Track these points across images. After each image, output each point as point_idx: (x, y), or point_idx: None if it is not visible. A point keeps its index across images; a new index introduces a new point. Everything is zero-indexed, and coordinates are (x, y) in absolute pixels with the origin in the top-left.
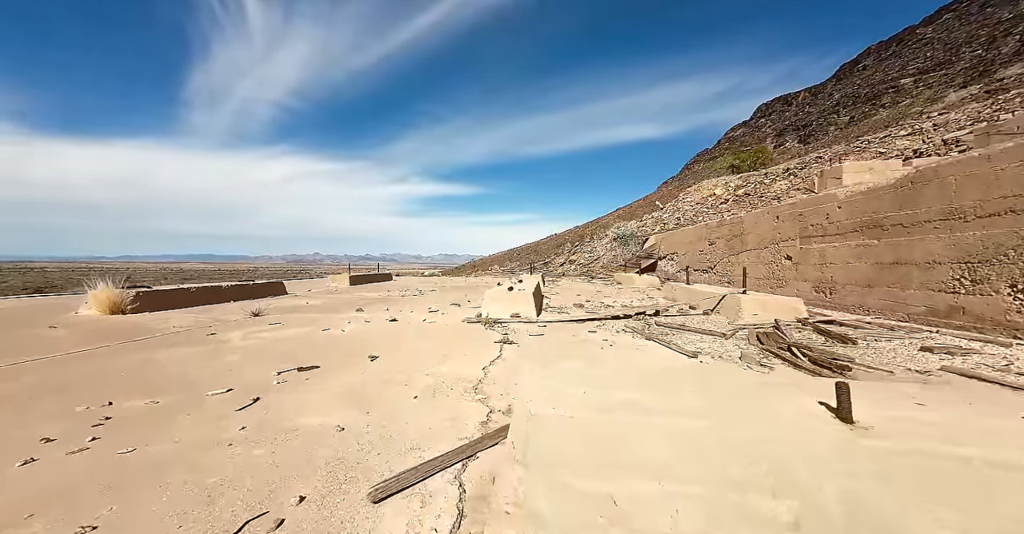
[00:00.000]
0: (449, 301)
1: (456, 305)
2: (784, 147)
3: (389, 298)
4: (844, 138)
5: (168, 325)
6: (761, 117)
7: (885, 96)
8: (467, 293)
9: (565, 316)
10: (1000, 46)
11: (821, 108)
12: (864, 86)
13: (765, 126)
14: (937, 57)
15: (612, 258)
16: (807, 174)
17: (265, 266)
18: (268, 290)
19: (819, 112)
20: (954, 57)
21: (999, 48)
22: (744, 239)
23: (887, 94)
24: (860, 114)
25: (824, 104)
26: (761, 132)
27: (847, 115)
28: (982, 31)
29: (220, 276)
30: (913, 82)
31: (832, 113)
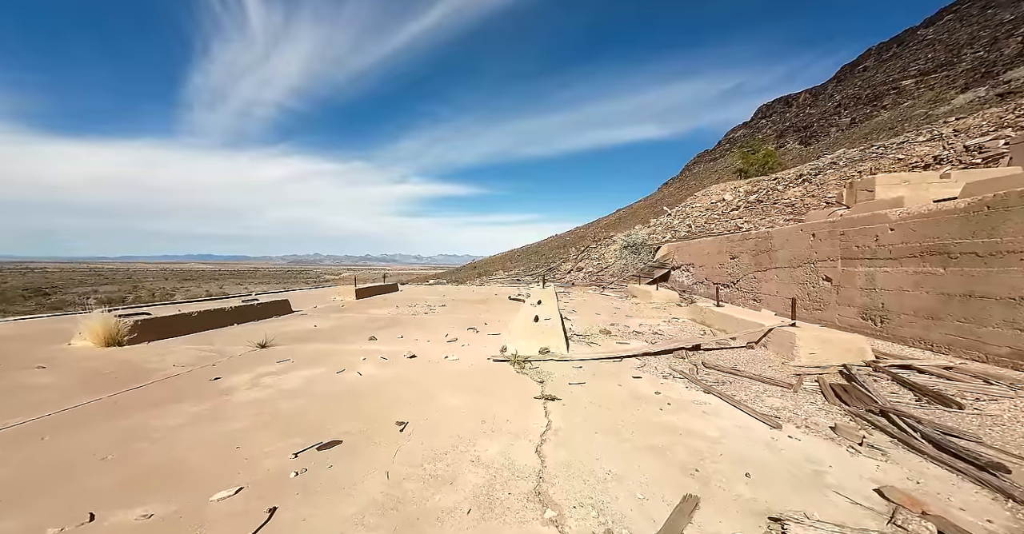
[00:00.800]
0: (464, 323)
1: (473, 330)
2: (785, 148)
3: (400, 319)
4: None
5: (167, 363)
6: (762, 118)
7: (886, 97)
8: (480, 310)
9: (598, 351)
10: (1002, 48)
11: (822, 109)
12: (865, 87)
13: (766, 127)
14: (938, 58)
15: (622, 267)
16: (822, 180)
17: (265, 266)
18: (272, 310)
19: (820, 113)
20: (955, 58)
21: (1001, 50)
22: (773, 255)
23: (888, 95)
24: (861, 115)
25: (825, 105)
26: (762, 133)
27: (848, 116)
28: (983, 32)
29: (220, 276)
30: (914, 83)
31: (833, 114)
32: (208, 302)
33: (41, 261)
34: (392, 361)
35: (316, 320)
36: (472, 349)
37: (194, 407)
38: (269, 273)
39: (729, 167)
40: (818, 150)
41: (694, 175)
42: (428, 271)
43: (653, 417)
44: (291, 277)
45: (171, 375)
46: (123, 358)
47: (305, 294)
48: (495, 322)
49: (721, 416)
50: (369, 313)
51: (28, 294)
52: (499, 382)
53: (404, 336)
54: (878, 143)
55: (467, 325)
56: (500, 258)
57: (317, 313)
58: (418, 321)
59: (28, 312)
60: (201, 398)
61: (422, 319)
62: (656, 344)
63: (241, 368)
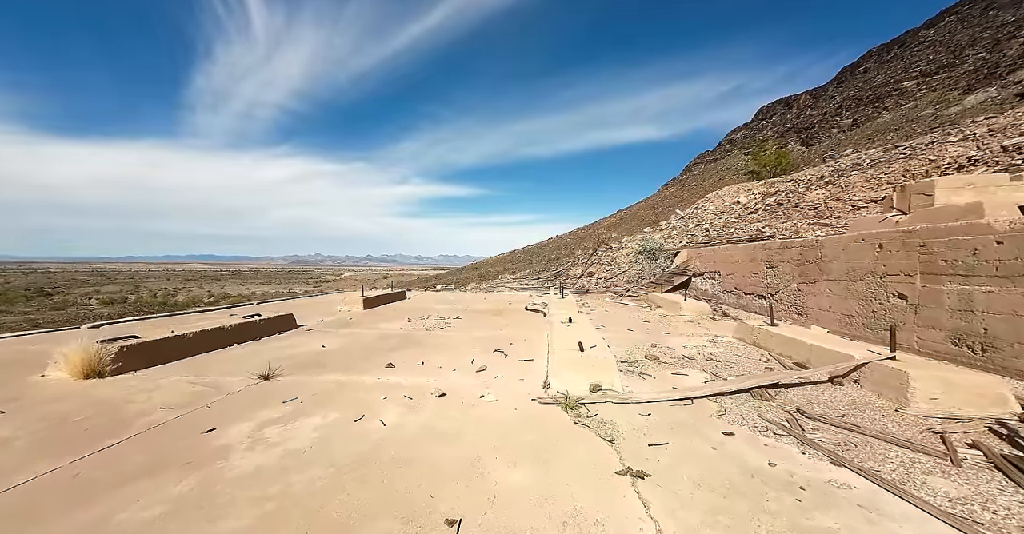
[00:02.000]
0: (488, 343)
1: (501, 354)
2: (786, 149)
3: (415, 336)
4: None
5: (153, 402)
6: (762, 119)
7: (888, 98)
8: (499, 324)
9: (659, 388)
10: (1005, 49)
11: (823, 110)
12: (866, 88)
13: (766, 128)
14: (940, 59)
15: (638, 273)
16: (847, 182)
17: (266, 267)
18: (276, 326)
19: (821, 114)
20: (957, 60)
21: (1003, 51)
22: (824, 266)
23: (890, 96)
24: (863, 116)
25: (826, 106)
26: (763, 134)
27: (850, 117)
28: (985, 34)
29: (222, 277)
30: (916, 85)
31: (834, 115)
32: (206, 315)
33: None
34: (419, 401)
35: (323, 338)
36: (508, 382)
37: (179, 482)
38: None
39: (730, 168)
40: (820, 151)
41: (695, 176)
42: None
43: (799, 518)
44: (292, 277)
45: (155, 423)
46: (101, 396)
47: (311, 303)
48: (521, 341)
49: (891, 517)
50: (380, 328)
51: (31, 294)
52: (558, 440)
53: (425, 362)
54: (902, 143)
55: (491, 345)
56: (501, 259)
57: (324, 328)
58: (436, 339)
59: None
60: (189, 465)
61: (439, 337)
62: (720, 376)
63: (241, 411)
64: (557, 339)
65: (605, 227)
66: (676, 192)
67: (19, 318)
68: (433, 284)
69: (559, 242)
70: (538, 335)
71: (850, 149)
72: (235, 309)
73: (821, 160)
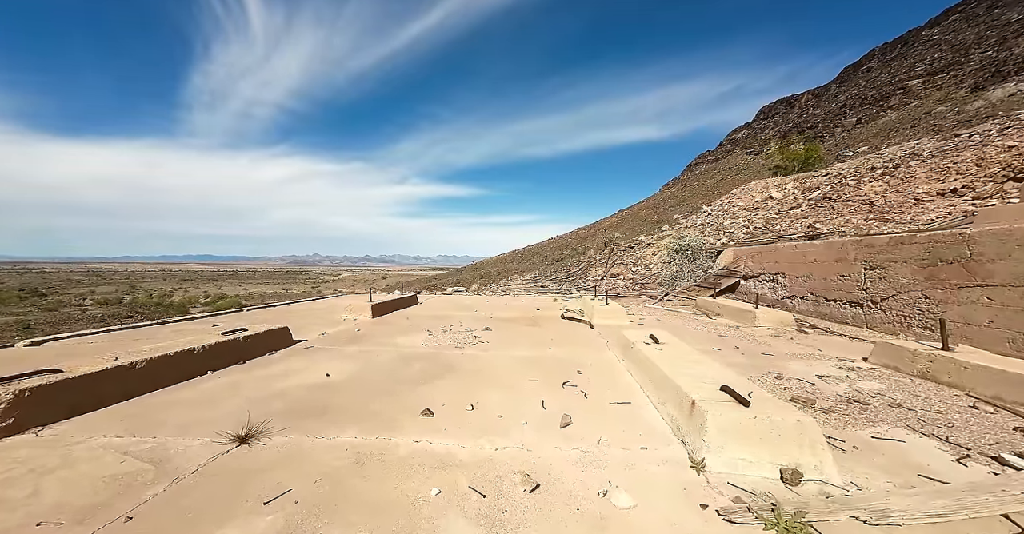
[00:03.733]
0: (544, 369)
1: (575, 390)
2: (790, 149)
3: (445, 357)
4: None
5: (30, 510)
6: (764, 119)
7: (893, 97)
8: (543, 339)
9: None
10: (1012, 47)
11: (826, 110)
12: (870, 88)
13: (768, 128)
14: (945, 58)
15: (673, 274)
16: (907, 173)
17: (264, 267)
18: (266, 344)
19: (824, 114)
20: (963, 58)
21: (1011, 49)
22: (977, 268)
23: (895, 95)
24: (868, 115)
25: (829, 106)
26: (765, 133)
27: (854, 116)
28: (991, 32)
29: (219, 277)
30: (922, 84)
31: (838, 115)
32: (183, 326)
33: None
34: (498, 502)
35: (328, 360)
36: (622, 453)
37: None
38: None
39: (732, 168)
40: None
41: (696, 176)
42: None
43: None
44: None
45: None
46: None
47: (310, 309)
48: (588, 367)
49: None
50: (398, 345)
51: (24, 295)
52: None
53: (475, 404)
54: (963, 131)
55: (551, 373)
56: (502, 259)
57: (327, 344)
58: (473, 362)
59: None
60: None
61: (477, 359)
62: (960, 444)
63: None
64: (657, 371)
65: (607, 227)
66: (678, 192)
67: (10, 319)
68: (440, 285)
69: (560, 242)
70: (600, 357)
71: (865, 147)
72: (221, 318)
73: (834, 159)
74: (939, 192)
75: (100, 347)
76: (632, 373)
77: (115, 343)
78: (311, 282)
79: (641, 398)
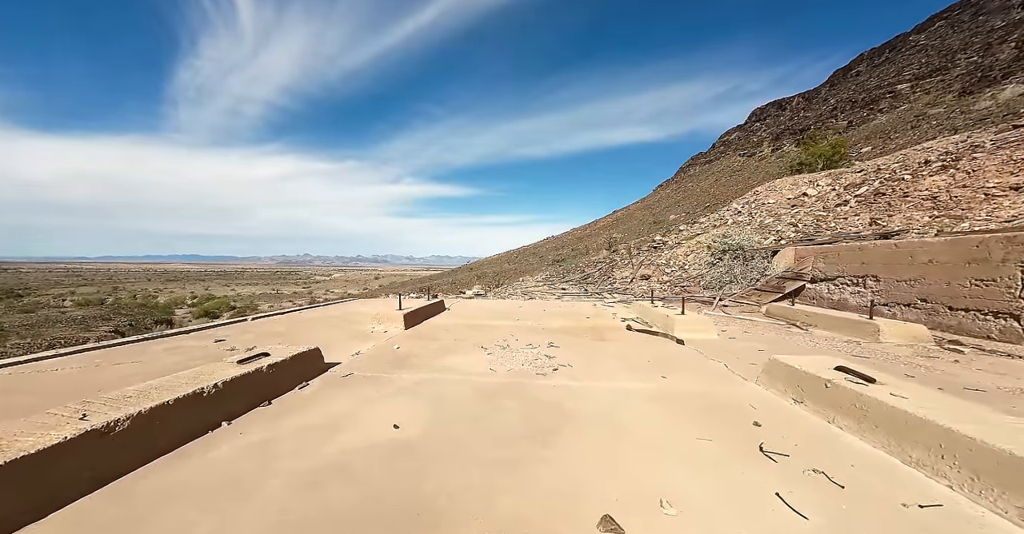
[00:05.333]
0: (707, 421)
1: (802, 469)
2: (783, 151)
3: (526, 387)
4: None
5: None
6: (756, 121)
7: (883, 100)
8: (639, 362)
9: None
10: (997, 53)
11: (817, 112)
12: (860, 91)
13: (760, 130)
14: (932, 63)
15: (721, 276)
16: (976, 166)
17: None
18: (297, 373)
19: (815, 116)
20: (950, 63)
21: (996, 55)
22: None
23: (885, 99)
24: (858, 118)
25: (820, 109)
26: (758, 135)
27: (845, 119)
28: (976, 38)
29: (207, 277)
30: (910, 87)
31: (829, 117)
32: (178, 341)
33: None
34: None
35: (382, 399)
36: None
37: None
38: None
39: (726, 170)
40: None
41: (690, 177)
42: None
43: None
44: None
45: None
46: None
47: (324, 316)
48: (754, 412)
49: None
50: (460, 371)
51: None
52: None
53: (667, 500)
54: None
55: (711, 425)
56: (498, 259)
57: (367, 368)
58: (583, 403)
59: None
60: None
61: (580, 395)
62: None
63: None
64: (963, 443)
65: (602, 228)
66: (672, 193)
67: None
68: (456, 288)
69: (556, 242)
70: (748, 394)
71: (869, 147)
72: (223, 330)
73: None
74: (1012, 186)
75: (64, 382)
76: (861, 433)
77: (87, 372)
78: (302, 283)
79: (932, 488)
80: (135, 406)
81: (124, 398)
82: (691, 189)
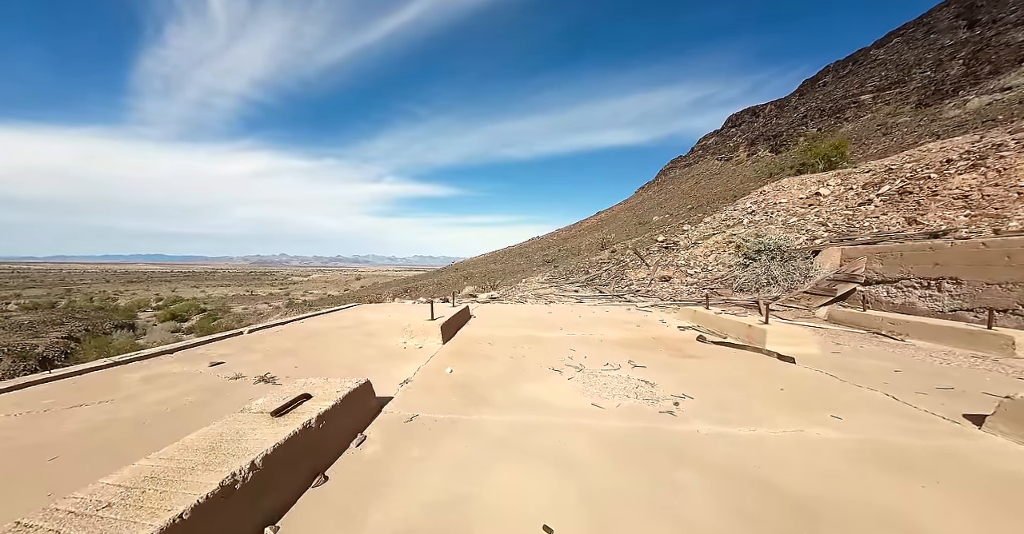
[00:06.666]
0: None
1: None
2: (758, 155)
3: (669, 435)
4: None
5: None
6: (732, 127)
7: (848, 110)
8: (772, 392)
9: None
10: (947, 69)
11: (789, 119)
12: (827, 101)
13: (736, 135)
14: (891, 77)
15: (756, 277)
16: (1007, 164)
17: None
18: (349, 422)
19: (787, 123)
20: (907, 77)
21: (946, 70)
22: None
23: (850, 108)
24: (827, 126)
25: (791, 116)
26: (733, 141)
27: (815, 126)
28: (928, 55)
29: (173, 278)
30: (872, 99)
31: (800, 125)
32: (147, 372)
33: None
34: None
35: (491, 474)
36: None
37: None
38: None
39: (705, 173)
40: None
41: (670, 180)
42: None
43: None
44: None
45: None
46: None
47: (336, 327)
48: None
49: None
50: (568, 415)
51: None
52: None
53: None
54: None
55: (976, 505)
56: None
57: (429, 406)
58: (775, 470)
59: None
60: None
61: (757, 449)
62: None
63: None
64: None
65: (587, 229)
66: (654, 195)
67: None
68: (474, 295)
69: (541, 243)
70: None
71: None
72: (217, 347)
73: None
74: None
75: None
76: None
77: (29, 425)
78: (278, 283)
79: None
80: (124, 527)
81: (98, 508)
82: (672, 191)
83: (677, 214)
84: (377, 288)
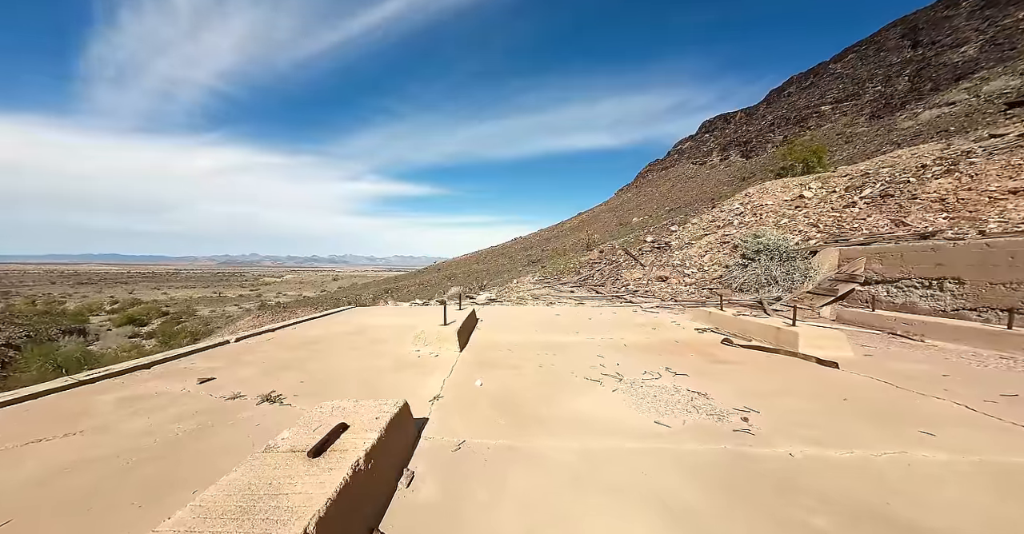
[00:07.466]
0: None
1: None
2: (729, 160)
3: (775, 471)
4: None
5: None
6: (706, 132)
7: (811, 119)
8: (834, 402)
9: None
10: (895, 85)
11: (758, 127)
12: (792, 110)
13: (710, 141)
14: (847, 90)
15: (755, 277)
16: (978, 170)
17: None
18: (394, 456)
19: (756, 130)
20: (861, 90)
21: (895, 86)
22: None
23: (812, 118)
24: (792, 134)
25: (760, 124)
26: (707, 146)
27: (781, 134)
28: (879, 71)
29: (130, 279)
30: (831, 109)
31: (768, 132)
32: (124, 392)
33: None
34: None
35: (580, 523)
36: None
37: None
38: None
39: (681, 176)
40: (760, 163)
41: (648, 182)
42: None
43: None
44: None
45: None
46: None
47: (334, 334)
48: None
49: None
50: (634, 437)
51: None
52: None
53: None
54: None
55: None
56: (466, 260)
57: (473, 430)
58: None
59: None
60: None
61: (863, 474)
62: None
63: None
64: None
65: (569, 229)
66: (633, 197)
67: None
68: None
69: (524, 243)
70: None
71: None
72: (200, 358)
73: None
74: (1011, 190)
75: None
76: None
77: None
78: (248, 285)
79: None
80: None
81: None
82: (651, 193)
83: (656, 215)
84: (356, 289)
